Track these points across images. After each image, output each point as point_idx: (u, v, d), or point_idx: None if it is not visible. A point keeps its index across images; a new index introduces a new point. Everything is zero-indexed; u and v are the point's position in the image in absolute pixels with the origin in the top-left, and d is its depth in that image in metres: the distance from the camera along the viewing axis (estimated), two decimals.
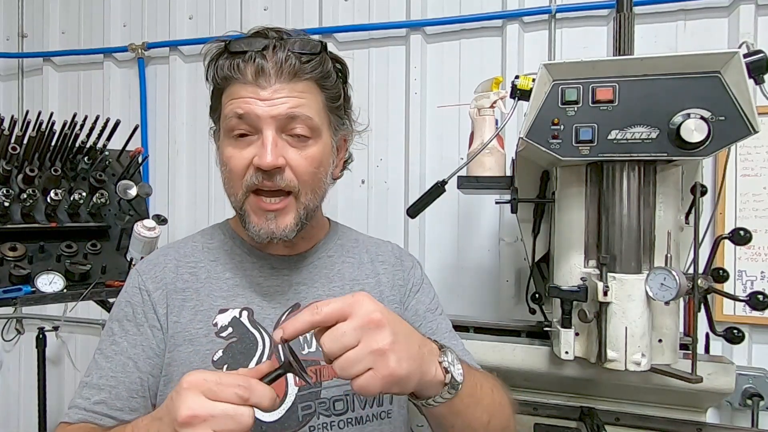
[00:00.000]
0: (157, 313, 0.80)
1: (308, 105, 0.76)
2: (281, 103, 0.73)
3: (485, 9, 1.73)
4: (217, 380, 0.55)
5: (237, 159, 0.76)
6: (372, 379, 0.56)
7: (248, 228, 0.79)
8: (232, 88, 0.77)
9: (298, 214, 0.78)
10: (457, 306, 1.76)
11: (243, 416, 0.54)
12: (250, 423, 0.54)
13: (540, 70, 0.92)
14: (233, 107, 0.75)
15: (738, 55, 0.84)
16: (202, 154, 2.09)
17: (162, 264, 0.85)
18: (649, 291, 0.92)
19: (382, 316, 0.57)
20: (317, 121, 0.77)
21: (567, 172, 1.05)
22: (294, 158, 0.76)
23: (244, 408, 0.54)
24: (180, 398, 0.54)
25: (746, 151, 1.47)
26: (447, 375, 0.63)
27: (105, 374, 0.78)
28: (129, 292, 0.83)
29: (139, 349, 0.79)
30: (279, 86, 0.74)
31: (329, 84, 0.79)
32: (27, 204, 1.35)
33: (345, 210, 1.89)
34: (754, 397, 1.37)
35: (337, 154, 0.86)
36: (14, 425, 2.38)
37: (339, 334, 0.56)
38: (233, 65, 0.75)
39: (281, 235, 0.78)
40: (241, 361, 0.78)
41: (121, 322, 0.81)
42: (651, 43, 1.56)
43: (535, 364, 1.15)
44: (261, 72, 0.73)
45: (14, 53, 2.32)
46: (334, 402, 0.80)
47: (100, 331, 2.20)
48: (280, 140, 0.75)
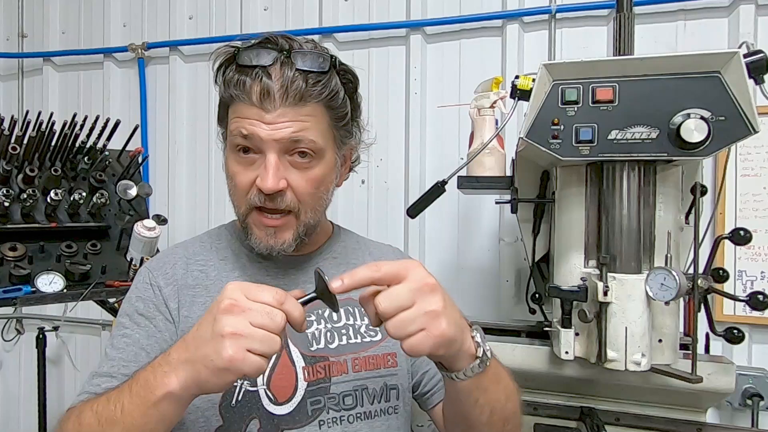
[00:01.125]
0: (168, 307, 0.82)
1: (313, 128, 0.76)
2: (285, 128, 0.74)
3: (485, 9, 1.73)
4: (257, 286, 0.61)
5: (241, 177, 0.79)
6: (425, 338, 0.59)
7: (250, 240, 0.82)
8: (237, 105, 0.77)
9: (297, 231, 0.81)
10: (456, 306, 1.75)
11: (276, 316, 0.59)
12: (282, 324, 0.60)
13: (540, 70, 0.92)
14: (238, 126, 0.76)
15: (738, 55, 0.84)
16: (202, 154, 2.09)
17: (172, 262, 0.87)
18: (649, 291, 0.91)
19: (434, 281, 0.62)
20: (321, 143, 0.78)
21: (567, 172, 1.05)
22: (295, 180, 0.78)
23: (277, 310, 0.60)
24: (226, 290, 0.61)
25: (746, 151, 1.47)
26: (479, 349, 0.67)
27: (117, 363, 0.79)
28: (140, 287, 0.85)
29: (152, 340, 0.80)
30: (283, 110, 0.74)
31: (336, 103, 0.79)
32: (27, 204, 1.35)
33: (345, 210, 1.89)
34: (754, 397, 1.37)
35: (343, 163, 0.87)
36: (14, 425, 2.38)
37: (395, 294, 0.60)
38: (239, 83, 0.75)
39: (280, 250, 0.81)
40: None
41: (132, 316, 0.83)
42: (651, 43, 1.56)
43: (535, 364, 1.15)
44: (266, 95, 0.73)
45: (14, 53, 2.32)
46: (343, 397, 0.81)
47: (101, 331, 2.22)
48: (282, 163, 0.76)
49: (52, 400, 2.12)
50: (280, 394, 0.79)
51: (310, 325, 0.83)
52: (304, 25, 1.93)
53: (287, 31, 1.85)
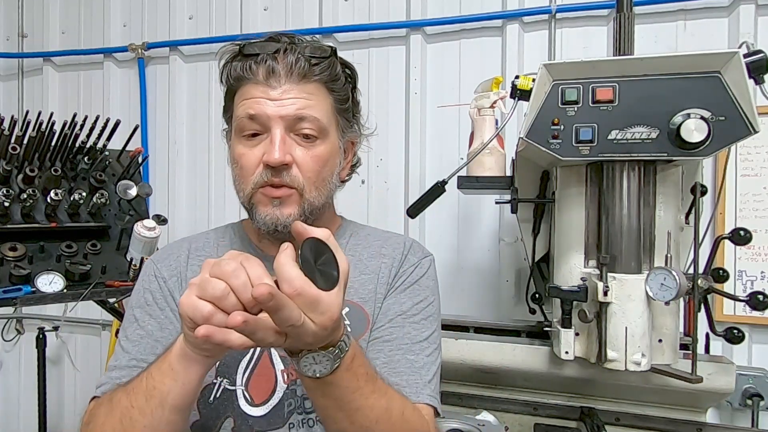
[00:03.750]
0: (175, 299, 0.83)
1: (316, 106, 0.79)
2: (290, 104, 0.77)
3: (485, 9, 1.73)
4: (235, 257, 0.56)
5: (247, 157, 0.80)
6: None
7: (256, 219, 0.81)
8: (244, 88, 0.80)
9: (302, 208, 0.81)
10: (457, 306, 1.76)
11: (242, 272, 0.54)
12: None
13: (540, 70, 0.92)
14: (245, 107, 0.79)
15: (738, 55, 0.84)
16: (202, 154, 2.09)
17: (176, 254, 0.89)
18: (649, 291, 0.92)
19: None
20: (325, 122, 0.80)
21: (567, 172, 1.05)
22: (301, 156, 0.79)
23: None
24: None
25: (746, 151, 1.47)
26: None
27: (134, 356, 0.80)
28: (146, 279, 0.87)
29: (165, 331, 0.81)
30: (288, 87, 0.78)
31: (338, 87, 0.83)
32: (27, 204, 1.35)
33: (345, 210, 1.86)
34: (754, 397, 1.37)
35: (344, 156, 0.89)
36: (14, 425, 2.38)
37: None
38: (246, 66, 0.79)
39: (284, 223, 0.79)
40: (235, 355, 0.80)
41: (143, 308, 0.84)
42: (651, 43, 1.57)
43: (535, 364, 1.15)
44: (272, 73, 0.77)
45: (14, 53, 2.32)
46: (304, 400, 0.80)
47: (101, 331, 2.22)
48: (288, 139, 0.78)
49: (52, 400, 2.12)
50: (258, 396, 0.79)
51: None
52: (304, 25, 1.93)
53: (287, 31, 1.86)
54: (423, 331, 0.85)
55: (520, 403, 1.19)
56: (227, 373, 0.80)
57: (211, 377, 0.79)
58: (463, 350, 1.20)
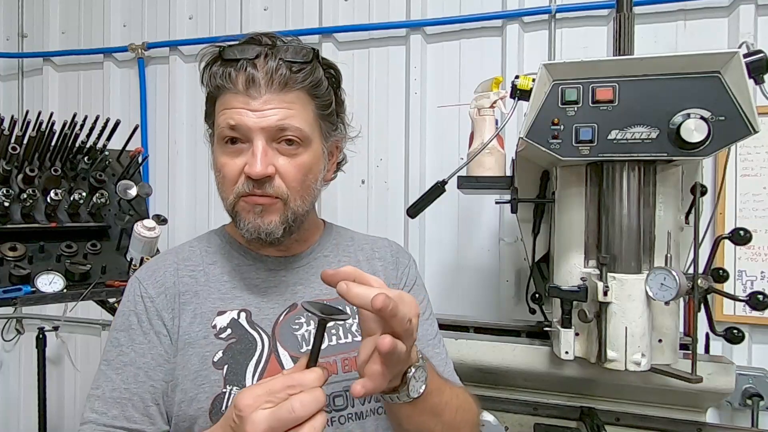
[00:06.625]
0: (162, 318, 0.80)
1: (298, 115, 0.77)
2: (271, 115, 0.75)
3: (485, 9, 1.73)
4: (268, 390, 0.57)
5: (230, 167, 0.78)
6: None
7: (239, 226, 0.80)
8: (224, 97, 0.78)
9: (286, 216, 0.80)
10: (457, 306, 1.76)
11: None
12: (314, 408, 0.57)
13: (540, 70, 0.92)
14: (225, 117, 0.77)
15: (738, 55, 0.84)
16: (202, 154, 2.09)
17: (162, 269, 0.85)
18: (649, 291, 0.92)
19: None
20: (307, 131, 0.78)
21: (567, 172, 1.05)
22: (283, 166, 0.77)
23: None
24: (244, 423, 0.56)
25: (746, 151, 1.47)
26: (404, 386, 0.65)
27: (117, 387, 0.78)
28: (132, 300, 0.83)
29: (148, 357, 0.79)
30: (269, 97, 0.75)
31: (320, 92, 0.80)
32: (27, 204, 1.35)
33: (345, 210, 1.89)
34: (754, 397, 1.37)
35: (329, 159, 0.87)
36: (14, 425, 2.38)
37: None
38: (225, 74, 0.77)
39: (267, 231, 0.79)
40: (241, 361, 0.78)
41: (126, 332, 0.81)
42: (651, 43, 1.57)
43: (535, 364, 1.15)
44: (252, 82, 0.75)
45: (14, 53, 2.32)
46: (333, 398, 0.80)
47: (101, 331, 2.22)
48: (270, 149, 0.77)
49: (52, 400, 2.13)
50: None
51: (300, 327, 0.83)
52: (304, 25, 1.93)
53: (287, 31, 1.86)
54: (434, 327, 0.92)
55: (520, 403, 1.19)
56: (236, 380, 0.77)
57: (220, 386, 0.76)
58: (463, 350, 1.20)
